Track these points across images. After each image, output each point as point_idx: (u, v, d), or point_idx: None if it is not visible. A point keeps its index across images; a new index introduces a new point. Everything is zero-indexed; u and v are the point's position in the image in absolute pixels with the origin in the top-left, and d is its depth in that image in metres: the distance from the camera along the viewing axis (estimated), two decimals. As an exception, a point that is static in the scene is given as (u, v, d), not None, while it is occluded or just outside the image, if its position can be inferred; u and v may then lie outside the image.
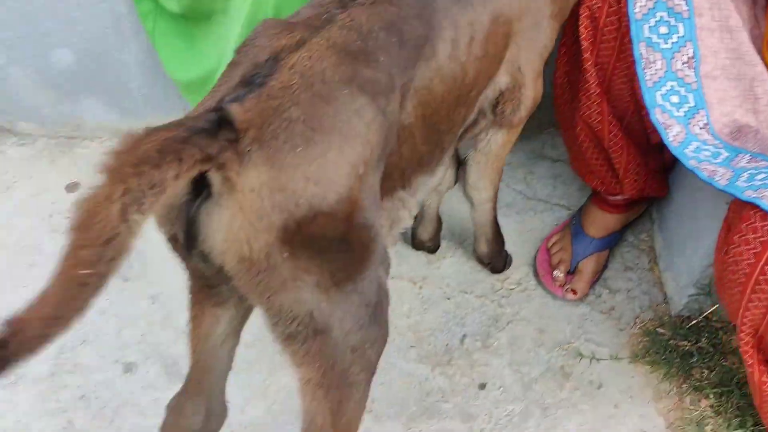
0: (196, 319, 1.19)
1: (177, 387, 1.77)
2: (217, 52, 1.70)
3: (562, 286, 1.83)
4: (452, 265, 1.91)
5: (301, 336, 1.05)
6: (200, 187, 0.94)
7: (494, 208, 1.71)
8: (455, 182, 1.66)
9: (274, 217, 0.94)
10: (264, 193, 0.93)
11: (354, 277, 1.05)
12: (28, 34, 1.97)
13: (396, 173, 1.17)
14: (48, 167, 2.17)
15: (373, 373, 1.16)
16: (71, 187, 2.13)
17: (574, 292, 1.82)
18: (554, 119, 1.83)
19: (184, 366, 1.80)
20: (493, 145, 1.52)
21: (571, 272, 1.84)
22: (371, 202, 1.05)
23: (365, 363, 1.13)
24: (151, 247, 1.99)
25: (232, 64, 1.05)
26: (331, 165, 0.96)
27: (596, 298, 1.86)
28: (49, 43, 1.99)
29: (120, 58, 2.02)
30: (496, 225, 1.77)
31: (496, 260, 1.84)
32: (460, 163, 1.61)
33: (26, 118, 2.18)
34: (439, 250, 1.92)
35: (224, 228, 0.94)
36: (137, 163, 0.84)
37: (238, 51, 1.07)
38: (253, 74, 0.98)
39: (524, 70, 1.39)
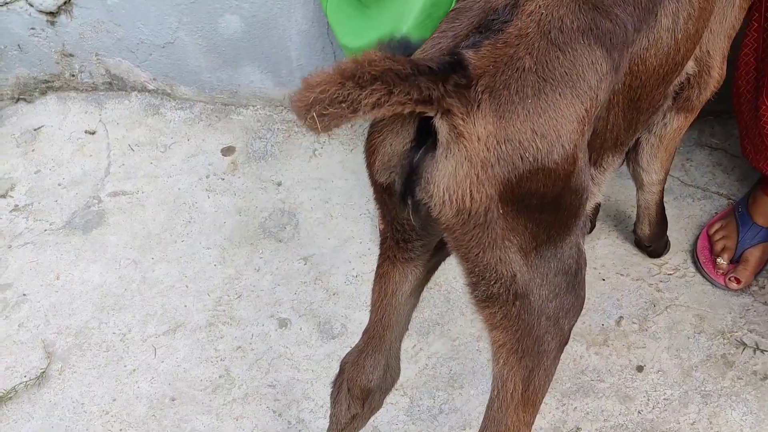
0: (385, 275, 1.17)
1: (329, 345, 1.81)
2: (391, 20, 1.72)
3: (724, 274, 1.77)
4: (607, 246, 1.88)
5: (501, 298, 1.02)
6: (426, 136, 0.93)
7: (662, 191, 1.67)
8: (622, 163, 1.63)
9: (498, 170, 0.91)
10: (491, 143, 0.90)
11: (555, 242, 1.02)
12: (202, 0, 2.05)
13: (595, 143, 1.11)
14: (204, 131, 2.24)
15: (564, 344, 1.12)
16: (226, 151, 2.20)
17: (738, 280, 1.76)
18: (713, 107, 1.78)
19: (336, 326, 1.84)
20: (669, 128, 1.48)
21: (733, 261, 1.78)
22: (585, 163, 1.01)
23: (557, 332, 1.09)
24: (302, 212, 2.05)
25: (461, 8, 1.02)
26: (560, 119, 0.93)
27: (759, 289, 1.79)
28: (219, 9, 2.06)
29: (284, 25, 2.08)
30: (662, 208, 1.72)
31: (657, 244, 1.80)
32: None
33: (187, 83, 2.26)
34: (593, 231, 1.89)
35: (448, 177, 0.92)
36: (347, 76, 0.84)
37: None
38: (491, 19, 0.96)
39: (713, 52, 1.35)
